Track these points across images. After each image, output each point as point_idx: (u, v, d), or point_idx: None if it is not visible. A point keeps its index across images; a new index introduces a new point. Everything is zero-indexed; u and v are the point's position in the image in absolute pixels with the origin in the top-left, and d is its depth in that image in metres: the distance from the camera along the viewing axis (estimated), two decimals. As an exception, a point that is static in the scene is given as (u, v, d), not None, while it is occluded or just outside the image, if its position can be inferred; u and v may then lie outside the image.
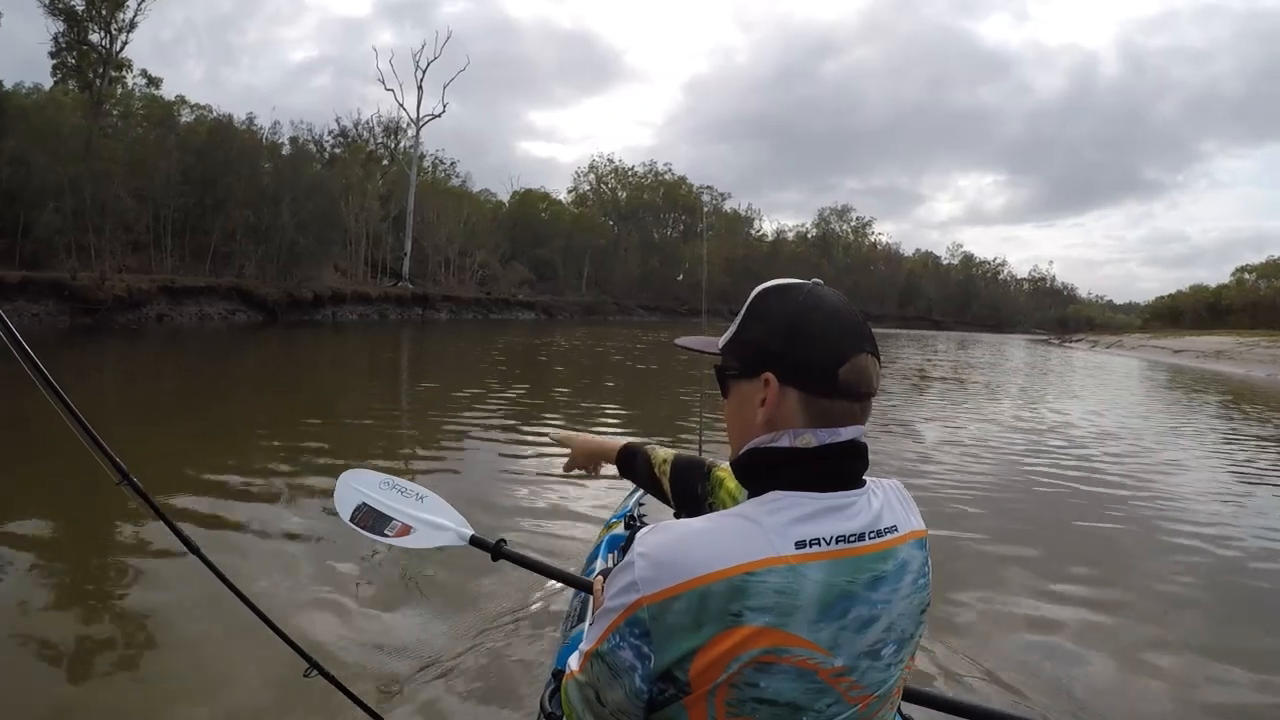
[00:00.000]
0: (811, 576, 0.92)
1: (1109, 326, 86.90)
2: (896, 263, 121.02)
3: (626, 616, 0.93)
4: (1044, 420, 13.22)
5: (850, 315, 1.04)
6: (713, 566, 0.91)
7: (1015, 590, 4.72)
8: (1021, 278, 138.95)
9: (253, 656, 3.24)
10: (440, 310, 47.06)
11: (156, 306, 29.19)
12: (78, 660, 3.38)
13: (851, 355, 1.00)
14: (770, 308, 1.06)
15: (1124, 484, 7.96)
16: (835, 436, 1.00)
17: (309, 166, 42.02)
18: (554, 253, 67.76)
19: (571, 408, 12.27)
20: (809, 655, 0.92)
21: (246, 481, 6.30)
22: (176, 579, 4.09)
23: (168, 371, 16.23)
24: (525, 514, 5.78)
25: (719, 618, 0.90)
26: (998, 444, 10.21)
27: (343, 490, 2.26)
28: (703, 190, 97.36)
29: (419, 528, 2.19)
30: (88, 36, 42.07)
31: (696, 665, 0.91)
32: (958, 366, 28.02)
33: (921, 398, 16.24)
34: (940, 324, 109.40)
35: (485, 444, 8.54)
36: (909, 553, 1.03)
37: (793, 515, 0.95)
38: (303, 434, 8.69)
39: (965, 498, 6.95)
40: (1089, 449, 10.19)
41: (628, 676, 0.95)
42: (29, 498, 5.69)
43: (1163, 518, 6.63)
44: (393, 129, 59.32)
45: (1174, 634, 4.24)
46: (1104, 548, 5.76)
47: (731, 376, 1.09)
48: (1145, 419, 14.41)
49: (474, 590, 4.16)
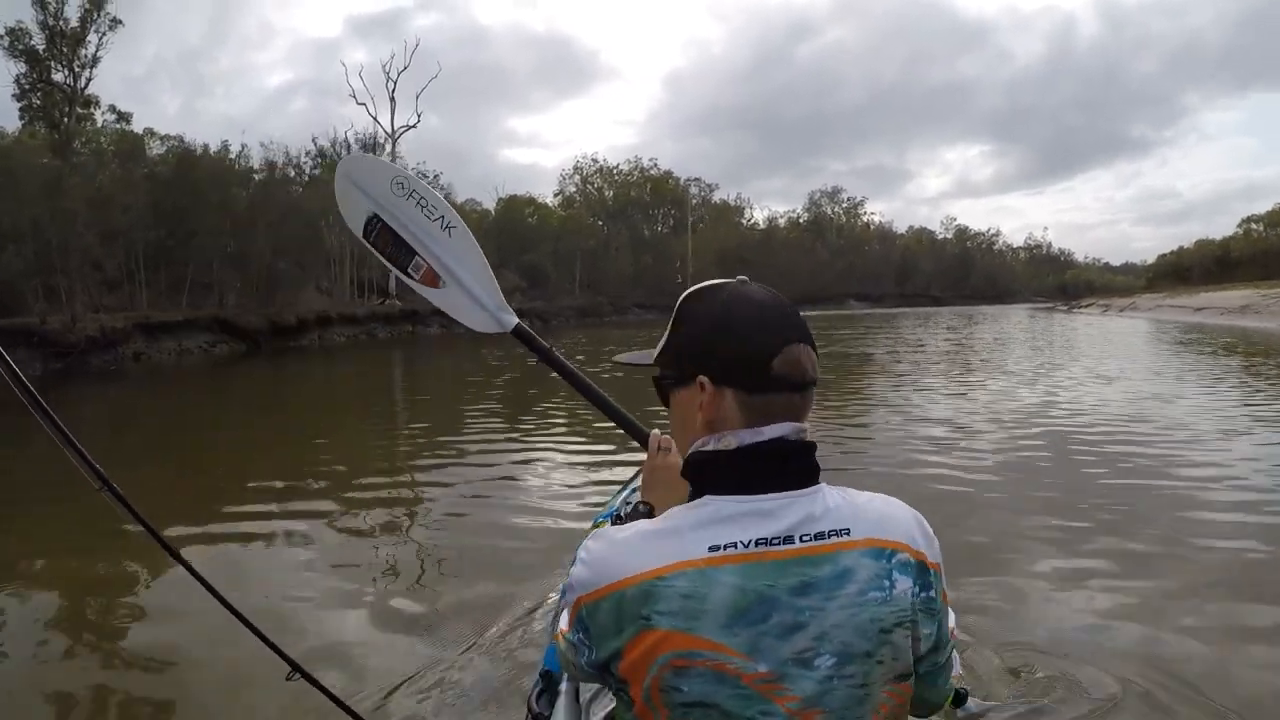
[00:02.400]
0: (722, 580, 0.93)
1: (1112, 289, 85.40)
2: (891, 241, 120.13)
3: (576, 611, 0.99)
4: (1102, 401, 11.27)
5: (778, 307, 1.02)
6: (629, 571, 0.94)
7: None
8: (1017, 246, 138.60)
9: (234, 661, 3.24)
10: (430, 325, 46.01)
11: (133, 345, 28.17)
12: (56, 665, 3.55)
13: (782, 346, 0.99)
14: (697, 310, 1.06)
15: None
16: (757, 436, 0.98)
17: (283, 189, 40.89)
18: (544, 257, 66.41)
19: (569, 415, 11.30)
20: (725, 659, 0.93)
21: (236, 503, 6.45)
22: (161, 586, 4.25)
23: (142, 413, 15.49)
24: (518, 511, 5.96)
25: (633, 620, 0.93)
26: (1058, 437, 8.41)
27: (343, 187, 1.81)
28: (690, 182, 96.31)
29: (450, 284, 1.82)
30: (50, 76, 41.59)
31: (623, 666, 0.96)
32: (981, 346, 26.87)
33: (964, 386, 14.50)
34: (940, 299, 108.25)
35: (481, 451, 8.59)
36: (857, 560, 0.97)
37: (711, 518, 0.96)
38: (288, 461, 8.69)
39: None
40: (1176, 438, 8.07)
41: (582, 657, 1.00)
42: (13, 510, 6.05)
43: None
44: (370, 145, 58.42)
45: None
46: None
47: (669, 385, 1.09)
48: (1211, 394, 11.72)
49: (465, 594, 4.21)
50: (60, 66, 41.44)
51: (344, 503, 6.46)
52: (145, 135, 42.35)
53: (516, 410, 12.09)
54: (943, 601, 1.05)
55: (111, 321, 27.91)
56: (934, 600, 1.03)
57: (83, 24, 41.31)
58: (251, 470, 8.04)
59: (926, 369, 17.34)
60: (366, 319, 41.46)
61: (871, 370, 17.58)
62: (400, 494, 6.99)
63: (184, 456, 9.37)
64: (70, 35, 41.14)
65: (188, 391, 19.67)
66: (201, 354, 30.25)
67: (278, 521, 5.83)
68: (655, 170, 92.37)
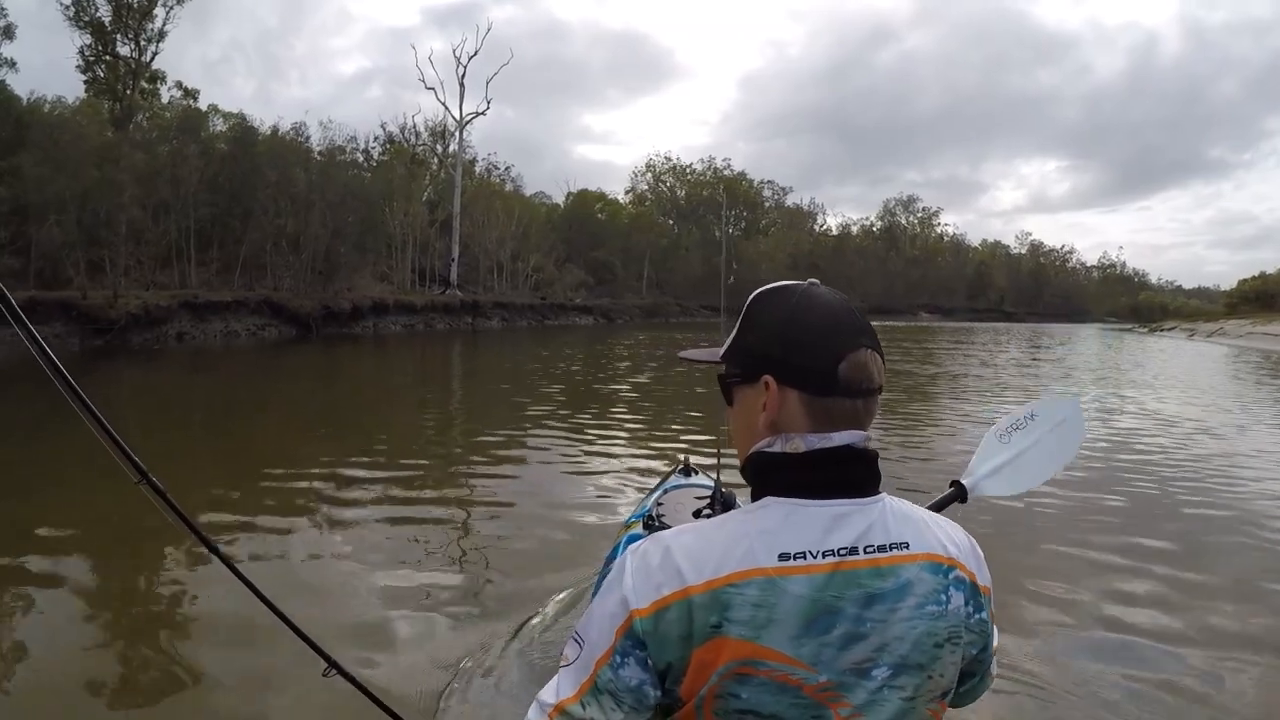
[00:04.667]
0: (792, 590, 0.91)
1: (1187, 313, 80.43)
2: (964, 254, 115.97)
3: (624, 632, 0.92)
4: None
5: (846, 311, 1.01)
6: (697, 577, 0.91)
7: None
8: (1090, 265, 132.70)
9: (271, 655, 3.21)
10: (491, 318, 43.99)
11: (176, 324, 26.51)
12: (91, 655, 3.52)
13: (849, 352, 0.97)
14: (766, 311, 1.04)
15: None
16: (826, 441, 0.96)
17: (344, 171, 39.06)
18: (612, 254, 64.21)
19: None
20: (788, 670, 0.91)
21: (271, 496, 6.29)
22: (198, 582, 4.23)
23: (175, 395, 14.33)
24: (563, 507, 5.93)
25: (703, 628, 0.90)
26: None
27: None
28: (764, 185, 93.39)
29: None
30: (116, 49, 40.65)
31: (685, 675, 0.92)
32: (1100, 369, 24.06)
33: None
34: (1013, 315, 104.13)
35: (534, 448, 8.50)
36: (917, 574, 0.96)
37: (779, 524, 0.94)
38: (332, 450, 8.48)
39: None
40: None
41: (635, 695, 0.92)
42: (55, 504, 5.86)
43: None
44: (439, 132, 56.83)
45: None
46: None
47: (734, 383, 1.06)
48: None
49: (507, 587, 4.19)
50: (126, 39, 40.79)
51: (387, 496, 6.33)
52: (210, 112, 40.97)
53: (571, 407, 11.92)
54: (991, 625, 1.06)
55: (155, 299, 26.24)
56: (986, 623, 1.04)
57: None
58: (294, 459, 7.92)
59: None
60: (425, 309, 39.61)
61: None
62: (447, 491, 6.75)
63: (219, 443, 9.28)
64: (138, 8, 40.39)
65: (230, 374, 18.25)
66: (249, 337, 28.54)
67: (319, 511, 5.81)
68: (729, 170, 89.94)
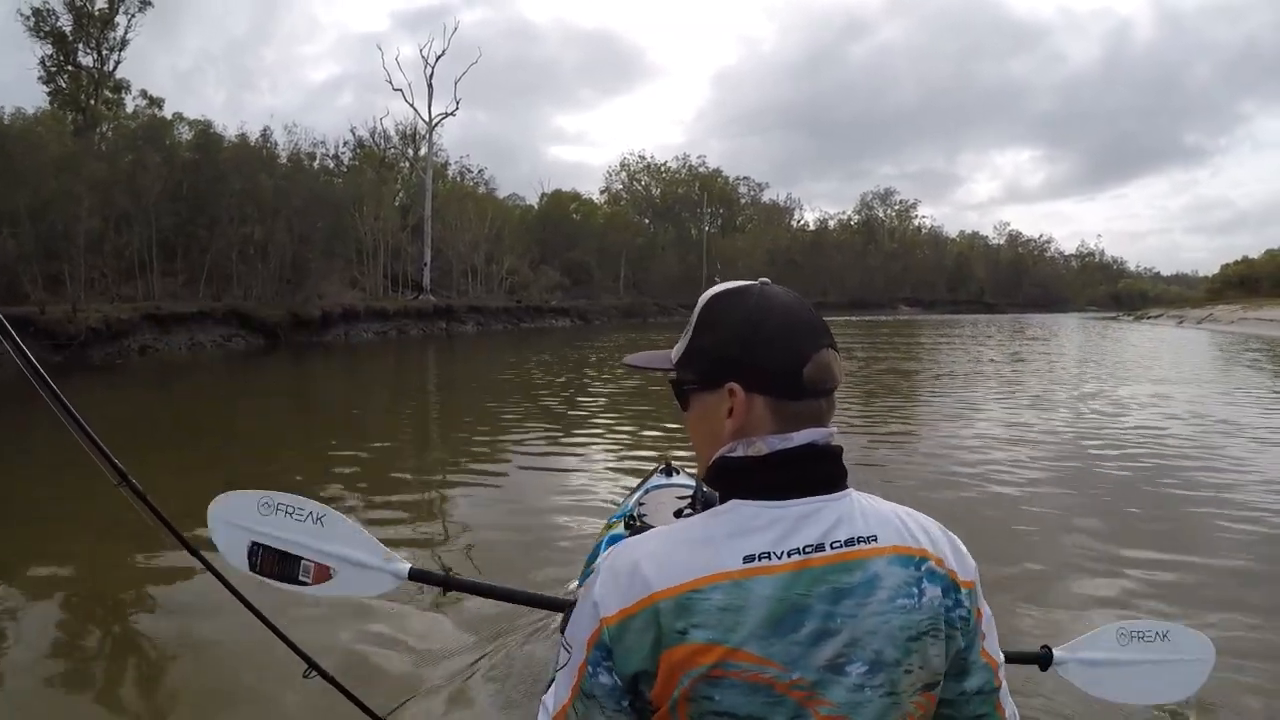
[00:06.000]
0: (758, 591, 0.91)
1: (1168, 299, 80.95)
2: (943, 246, 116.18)
3: (594, 642, 0.94)
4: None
5: (804, 312, 1.01)
6: (662, 584, 0.91)
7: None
8: (1069, 254, 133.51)
9: (253, 657, 3.23)
10: (466, 322, 43.56)
11: (139, 337, 25.98)
12: (73, 660, 3.57)
13: (812, 353, 0.97)
14: (722, 314, 1.03)
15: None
16: (787, 442, 0.97)
17: (313, 177, 38.58)
18: (588, 255, 63.83)
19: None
20: (759, 669, 0.91)
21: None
22: (178, 584, 4.29)
23: (138, 409, 13.56)
24: (544, 512, 5.93)
25: (669, 635, 0.90)
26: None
27: (219, 531, 1.82)
28: (740, 181, 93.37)
29: (340, 568, 1.85)
30: (77, 59, 40.11)
31: (656, 680, 0.92)
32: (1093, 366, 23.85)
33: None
34: (993, 306, 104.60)
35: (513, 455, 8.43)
36: (885, 567, 0.96)
37: (744, 526, 0.94)
38: (308, 458, 8.67)
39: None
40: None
41: (610, 699, 0.94)
42: (35, 508, 5.99)
43: None
44: (409, 135, 56.30)
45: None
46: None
47: (691, 390, 1.05)
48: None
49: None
50: (89, 49, 40.24)
51: (365, 500, 6.38)
52: (175, 120, 40.40)
53: (549, 412, 11.86)
54: (977, 621, 1.03)
55: (116, 312, 25.73)
56: (967, 618, 1.01)
57: (111, 5, 39.90)
58: (269, 468, 7.97)
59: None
60: (398, 314, 39.16)
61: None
62: (425, 494, 6.86)
63: (188, 452, 9.08)
64: (98, 16, 39.86)
65: (195, 386, 18.11)
66: (215, 348, 28.05)
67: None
68: (704, 168, 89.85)
